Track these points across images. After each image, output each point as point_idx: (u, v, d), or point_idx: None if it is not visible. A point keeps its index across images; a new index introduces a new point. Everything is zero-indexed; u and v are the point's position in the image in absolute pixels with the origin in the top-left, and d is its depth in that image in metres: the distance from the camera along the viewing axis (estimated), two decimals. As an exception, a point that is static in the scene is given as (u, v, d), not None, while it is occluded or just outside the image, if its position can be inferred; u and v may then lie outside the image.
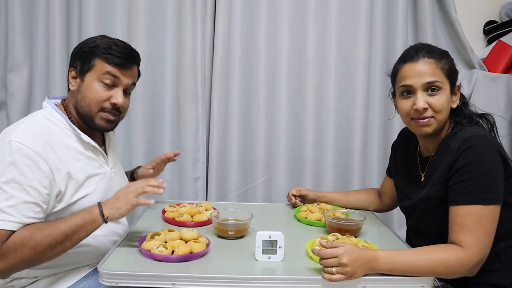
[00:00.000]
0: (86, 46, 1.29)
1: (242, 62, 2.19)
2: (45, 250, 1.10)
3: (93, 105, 1.26)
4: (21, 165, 1.11)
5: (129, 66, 1.31)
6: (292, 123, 2.22)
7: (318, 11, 2.16)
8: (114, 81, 1.28)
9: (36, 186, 1.12)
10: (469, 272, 1.10)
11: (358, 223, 1.36)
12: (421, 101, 1.19)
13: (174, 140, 2.21)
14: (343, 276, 1.02)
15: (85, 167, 1.27)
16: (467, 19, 2.26)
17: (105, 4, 2.12)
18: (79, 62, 1.29)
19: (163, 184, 1.20)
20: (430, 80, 1.19)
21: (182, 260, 1.10)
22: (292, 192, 1.69)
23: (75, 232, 1.13)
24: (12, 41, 2.06)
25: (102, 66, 1.26)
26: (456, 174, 1.15)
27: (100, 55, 1.26)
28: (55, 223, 1.13)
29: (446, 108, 1.21)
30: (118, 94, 1.29)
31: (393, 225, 2.21)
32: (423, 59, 1.21)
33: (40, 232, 1.10)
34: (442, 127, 1.25)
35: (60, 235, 1.11)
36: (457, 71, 1.26)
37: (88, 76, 1.27)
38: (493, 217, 1.11)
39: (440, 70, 1.20)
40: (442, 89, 1.20)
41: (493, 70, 2.18)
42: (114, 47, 1.27)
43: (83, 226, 1.14)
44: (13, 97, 2.08)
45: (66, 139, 1.25)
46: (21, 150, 1.12)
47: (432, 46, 1.27)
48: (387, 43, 2.22)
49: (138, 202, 1.17)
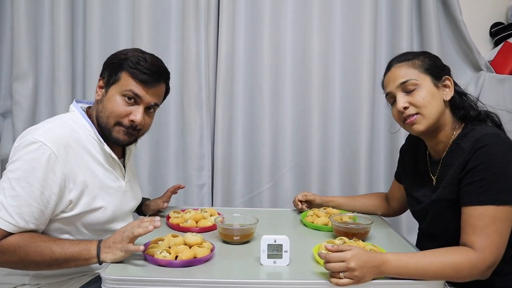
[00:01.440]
0: (116, 57, 1.28)
1: (246, 67, 2.18)
2: (31, 264, 1.11)
3: (111, 117, 1.25)
4: (36, 165, 1.11)
5: (154, 84, 1.27)
6: (297, 128, 2.20)
7: (322, 15, 2.15)
8: (135, 99, 1.25)
9: (44, 191, 1.12)
10: (481, 275, 1.07)
11: (365, 226, 1.34)
12: (400, 102, 1.23)
13: (179, 147, 2.20)
14: (351, 280, 1.00)
15: (102, 178, 1.26)
16: (473, 21, 2.24)
17: (109, 12, 2.13)
18: (107, 72, 1.28)
19: (155, 221, 1.12)
20: (402, 80, 1.23)
21: (185, 265, 1.09)
22: (298, 197, 1.67)
23: (66, 261, 1.12)
24: (18, 50, 2.07)
25: (127, 81, 1.24)
26: (468, 174, 1.12)
27: (127, 69, 1.24)
28: (52, 244, 1.12)
29: (432, 102, 1.21)
30: (138, 111, 1.25)
31: (402, 230, 2.17)
32: (395, 66, 1.27)
33: (34, 247, 1.09)
34: (437, 124, 1.23)
35: (51, 258, 1.10)
36: (442, 65, 1.27)
37: (112, 88, 1.26)
38: (507, 219, 1.08)
39: (413, 68, 1.23)
40: (419, 85, 1.21)
41: (500, 72, 2.15)
42: (142, 62, 1.24)
43: (76, 259, 1.12)
44: (19, 106, 2.08)
45: (88, 147, 1.24)
46: (41, 150, 1.12)
47: (408, 52, 1.33)
48: (392, 47, 2.20)
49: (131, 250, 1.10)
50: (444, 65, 1.28)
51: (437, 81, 1.23)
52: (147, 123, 1.32)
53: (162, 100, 1.38)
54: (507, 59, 2.18)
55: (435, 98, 1.21)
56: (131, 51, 1.28)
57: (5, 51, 2.16)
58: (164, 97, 1.39)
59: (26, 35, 2.07)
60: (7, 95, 2.17)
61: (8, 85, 2.15)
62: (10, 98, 2.14)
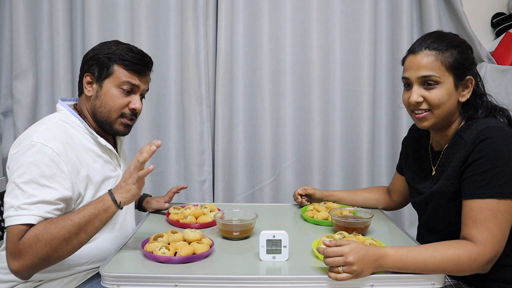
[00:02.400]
0: (102, 52, 1.30)
1: (245, 63, 2.17)
2: (61, 244, 1.08)
3: (113, 111, 1.29)
4: (42, 165, 1.12)
5: (146, 72, 1.35)
6: (298, 123, 2.20)
7: (321, 9, 2.14)
8: (132, 88, 1.31)
9: (56, 187, 1.13)
10: (481, 269, 1.06)
11: (365, 220, 1.33)
12: (415, 95, 1.18)
13: (180, 143, 2.21)
14: (349, 275, 0.99)
15: (102, 170, 1.29)
16: (474, 12, 2.22)
17: (108, 9, 2.13)
18: (96, 68, 1.29)
19: (154, 143, 1.15)
20: (425, 74, 1.16)
21: (185, 261, 1.09)
22: (298, 191, 1.66)
23: (89, 222, 1.10)
24: (17, 49, 2.07)
25: (121, 73, 1.29)
26: (470, 167, 1.11)
27: (118, 61, 1.28)
28: (68, 215, 1.11)
29: (446, 103, 1.16)
30: (136, 99, 1.32)
31: (404, 223, 2.17)
32: (423, 51, 1.17)
33: (53, 225, 1.08)
34: (445, 122, 1.21)
35: (74, 227, 1.08)
36: (470, 63, 1.19)
37: (106, 82, 1.29)
38: (508, 212, 1.07)
39: (440, 63, 1.15)
40: (441, 83, 1.16)
41: (502, 63, 2.14)
42: (130, 53, 1.30)
43: (96, 215, 1.11)
44: (19, 104, 2.09)
45: (84, 141, 1.27)
46: (43, 151, 1.13)
47: (443, 35, 1.21)
48: (392, 40, 2.19)
49: (142, 174, 1.12)
50: (472, 62, 1.21)
51: (459, 81, 1.17)
52: (140, 109, 1.37)
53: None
54: (509, 50, 2.16)
55: (450, 99, 1.17)
56: (113, 45, 1.32)
57: (5, 50, 2.17)
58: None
59: (25, 34, 2.07)
60: (7, 93, 2.18)
61: (8, 84, 2.16)
62: (10, 97, 2.15)
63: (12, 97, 2.12)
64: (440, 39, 1.19)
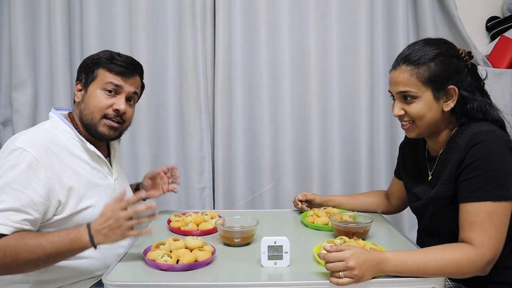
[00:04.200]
0: (90, 59, 1.34)
1: (243, 70, 2.19)
2: (26, 264, 1.10)
3: (95, 112, 1.30)
4: (19, 170, 1.13)
5: (131, 75, 1.35)
6: (297, 128, 2.21)
7: (318, 15, 2.16)
8: (116, 89, 1.31)
9: (29, 194, 1.13)
10: (481, 271, 1.07)
11: (365, 225, 1.34)
12: (396, 108, 1.24)
13: (179, 151, 2.21)
14: (351, 279, 1.00)
15: (89, 177, 1.28)
16: (469, 15, 2.24)
17: (106, 18, 2.15)
18: (83, 74, 1.33)
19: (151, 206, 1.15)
20: (402, 89, 1.20)
21: (187, 269, 1.09)
22: (298, 197, 1.67)
23: (60, 254, 1.12)
24: (16, 58, 2.08)
25: (105, 76, 1.31)
26: (465, 171, 1.12)
27: (103, 65, 1.31)
28: (41, 239, 1.10)
29: (426, 115, 1.19)
30: (121, 101, 1.32)
31: (403, 227, 2.18)
32: (401, 67, 1.21)
33: (24, 246, 1.08)
34: (432, 131, 1.24)
35: (44, 255, 1.09)
36: (452, 72, 1.18)
37: (91, 86, 1.31)
38: (504, 214, 1.08)
39: (415, 78, 1.18)
40: (419, 97, 1.19)
41: (497, 66, 2.16)
42: (116, 57, 1.32)
43: (69, 250, 1.12)
44: (19, 114, 2.10)
45: (71, 148, 1.27)
46: (22, 156, 1.14)
47: (423, 47, 1.21)
48: (388, 44, 2.21)
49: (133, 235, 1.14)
50: (456, 70, 1.19)
51: (438, 93, 1.18)
52: (129, 113, 1.37)
53: (139, 95, 1.44)
54: (503, 53, 2.18)
55: (431, 110, 1.19)
56: (102, 52, 1.35)
57: (4, 59, 2.18)
58: (140, 93, 1.44)
59: (24, 43, 2.09)
60: (6, 103, 2.18)
61: (8, 93, 2.17)
62: (10, 107, 2.15)
63: (11, 107, 2.13)
64: (419, 52, 1.20)
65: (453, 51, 1.22)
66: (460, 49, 1.24)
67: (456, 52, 1.22)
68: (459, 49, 1.23)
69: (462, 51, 1.23)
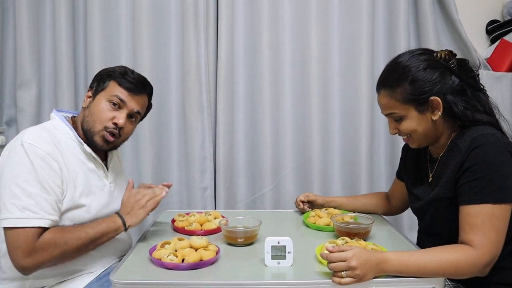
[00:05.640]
0: (105, 70, 1.41)
1: (245, 71, 2.20)
2: (72, 251, 1.20)
3: (97, 121, 1.33)
4: (34, 164, 1.17)
5: (138, 93, 1.38)
6: (298, 130, 2.23)
7: (319, 17, 2.18)
8: (120, 104, 1.34)
9: (52, 186, 1.18)
10: (480, 272, 1.09)
11: (366, 226, 1.36)
12: (390, 128, 1.31)
13: (181, 151, 2.23)
14: (353, 279, 1.02)
15: (86, 177, 1.32)
16: (469, 19, 2.26)
17: (110, 19, 2.16)
18: (96, 83, 1.39)
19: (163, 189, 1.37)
20: (387, 112, 1.28)
21: (192, 268, 1.11)
22: (300, 198, 1.69)
23: (100, 238, 1.24)
24: (21, 58, 2.10)
25: (114, 88, 1.35)
26: (465, 173, 1.14)
27: (115, 78, 1.36)
28: (82, 227, 1.23)
29: (418, 128, 1.23)
30: (121, 116, 1.35)
31: (403, 228, 2.20)
32: (381, 92, 1.28)
33: (70, 234, 1.19)
34: (431, 139, 1.28)
35: (87, 239, 1.21)
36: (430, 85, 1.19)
37: (99, 95, 1.36)
38: (504, 216, 1.10)
39: (394, 100, 1.23)
40: (404, 115, 1.24)
41: (497, 69, 2.18)
42: (129, 73, 1.37)
43: (107, 233, 1.25)
44: (23, 113, 2.12)
45: (71, 147, 1.31)
46: (33, 150, 1.18)
47: (395, 67, 1.25)
48: (389, 48, 2.23)
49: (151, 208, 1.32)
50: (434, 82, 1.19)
51: (421, 107, 1.21)
52: (128, 130, 1.40)
53: (144, 115, 1.48)
54: (503, 57, 2.20)
55: (421, 124, 1.23)
56: (118, 67, 1.41)
57: (8, 59, 2.20)
58: (146, 112, 1.48)
59: (28, 44, 2.10)
60: (11, 103, 2.21)
61: (12, 93, 2.19)
62: (14, 106, 2.18)
63: (15, 107, 2.15)
64: (392, 74, 1.25)
65: (427, 62, 1.21)
66: (438, 52, 1.22)
67: (430, 63, 1.21)
68: (436, 53, 1.22)
69: (440, 53, 1.22)
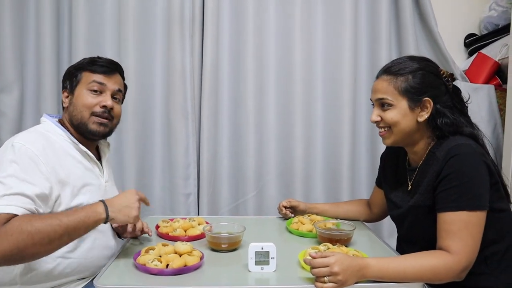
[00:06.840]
0: (72, 67, 1.42)
1: (230, 78, 2.23)
2: (43, 240, 1.05)
3: (84, 110, 1.35)
4: (22, 164, 1.15)
5: (112, 73, 1.41)
6: (281, 137, 2.25)
7: (303, 26, 2.22)
8: (101, 88, 1.37)
9: (35, 183, 1.15)
10: (457, 277, 1.13)
11: (348, 232, 1.39)
12: (373, 115, 1.32)
13: (165, 157, 2.23)
14: (335, 284, 1.04)
15: (83, 175, 1.32)
16: (448, 32, 2.33)
17: (95, 24, 2.16)
18: (68, 81, 1.40)
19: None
20: (379, 97, 1.29)
21: (176, 273, 1.12)
22: (282, 203, 1.71)
23: (76, 227, 1.10)
24: (3, 61, 2.08)
25: (88, 77, 1.37)
26: (442, 182, 1.18)
27: (85, 68, 1.38)
28: (56, 215, 1.12)
29: (401, 122, 1.26)
30: (107, 98, 1.37)
31: (383, 234, 2.24)
32: (382, 77, 1.31)
33: (40, 220, 1.07)
34: (407, 140, 1.30)
35: (61, 227, 1.07)
36: (429, 86, 1.25)
37: (77, 89, 1.37)
38: (479, 223, 1.15)
39: (392, 88, 1.26)
40: (394, 105, 1.27)
41: (474, 81, 2.23)
42: (96, 59, 1.41)
43: (85, 222, 1.11)
44: (5, 117, 2.09)
45: (65, 148, 1.31)
46: (23, 151, 1.17)
47: (405, 61, 1.30)
48: (371, 57, 2.28)
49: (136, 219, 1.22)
50: (432, 85, 1.26)
51: (414, 103, 1.25)
52: (117, 110, 1.42)
53: (123, 94, 1.49)
54: (480, 69, 2.26)
55: (405, 119, 1.26)
56: (82, 59, 1.43)
57: (-10, 62, 2.17)
58: (124, 92, 1.50)
59: (11, 46, 2.09)
60: (-8, 107, 2.17)
61: (-6, 97, 2.15)
62: (-5, 111, 2.14)
63: (-3, 110, 2.12)
64: (400, 65, 1.29)
65: (434, 69, 1.30)
66: (442, 70, 1.31)
67: (436, 70, 1.29)
68: (441, 70, 1.31)
69: (444, 72, 1.30)
